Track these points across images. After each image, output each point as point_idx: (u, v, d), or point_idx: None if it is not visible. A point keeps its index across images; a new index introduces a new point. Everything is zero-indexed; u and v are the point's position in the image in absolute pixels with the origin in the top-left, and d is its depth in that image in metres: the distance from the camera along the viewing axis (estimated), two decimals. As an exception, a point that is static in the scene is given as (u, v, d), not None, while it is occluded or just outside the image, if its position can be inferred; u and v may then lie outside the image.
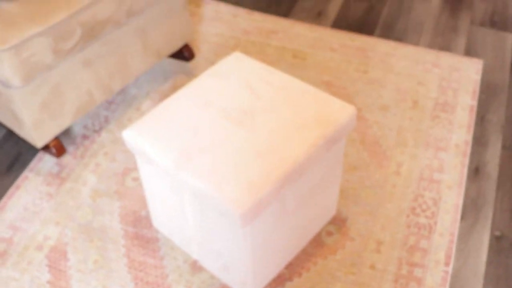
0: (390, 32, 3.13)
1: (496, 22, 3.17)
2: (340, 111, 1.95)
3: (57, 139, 2.53)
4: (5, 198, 2.47)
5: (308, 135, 1.87)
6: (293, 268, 2.18)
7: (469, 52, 3.00)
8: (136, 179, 2.47)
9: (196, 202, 1.90)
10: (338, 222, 2.30)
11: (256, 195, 1.72)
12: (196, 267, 2.19)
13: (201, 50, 3.01)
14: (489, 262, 2.20)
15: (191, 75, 2.86)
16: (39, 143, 2.45)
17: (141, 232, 2.30)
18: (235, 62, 2.17)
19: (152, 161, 1.91)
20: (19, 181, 2.52)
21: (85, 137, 2.65)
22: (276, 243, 2.00)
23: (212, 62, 2.93)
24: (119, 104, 2.77)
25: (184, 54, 2.86)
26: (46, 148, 2.56)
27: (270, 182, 1.76)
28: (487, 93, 2.79)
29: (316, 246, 2.23)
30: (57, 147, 2.52)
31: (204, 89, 2.06)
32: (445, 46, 3.04)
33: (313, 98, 1.99)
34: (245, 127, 1.91)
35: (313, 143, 1.86)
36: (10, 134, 2.70)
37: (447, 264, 2.18)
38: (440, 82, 2.83)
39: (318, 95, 2.01)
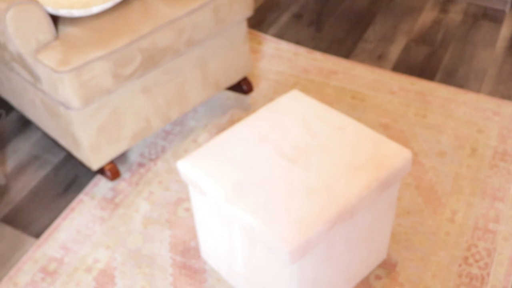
0: (451, 78, 3.10)
1: (561, 74, 3.11)
2: (395, 155, 1.94)
3: (112, 163, 2.58)
4: (59, 219, 2.51)
5: (361, 177, 1.86)
6: (339, 310, 2.15)
7: (532, 102, 2.95)
8: (188, 210, 2.49)
9: (245, 236, 1.90)
10: (388, 267, 2.26)
11: (306, 233, 1.72)
12: (241, 301, 2.18)
13: (260, 87, 3.03)
14: (542, 319, 2.13)
15: (248, 110, 2.89)
16: (94, 165, 2.49)
17: (189, 262, 2.31)
18: (293, 99, 2.18)
19: (204, 192, 1.92)
20: (74, 203, 2.57)
21: (141, 165, 2.69)
22: (324, 283, 1.98)
23: (270, 99, 2.95)
24: (177, 135, 2.81)
25: (242, 87, 2.89)
26: (101, 171, 2.60)
27: (321, 222, 1.75)
28: (549, 145, 2.73)
29: (364, 289, 2.20)
30: (112, 170, 2.56)
31: (261, 125, 2.07)
32: (507, 95, 2.99)
33: (369, 140, 1.99)
34: (298, 165, 1.91)
35: (366, 185, 1.84)
36: (69, 158, 2.76)
37: (498, 318, 2.12)
38: (501, 131, 2.78)
39: (374, 137, 2.00)
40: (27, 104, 2.64)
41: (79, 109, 2.30)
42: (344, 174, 1.86)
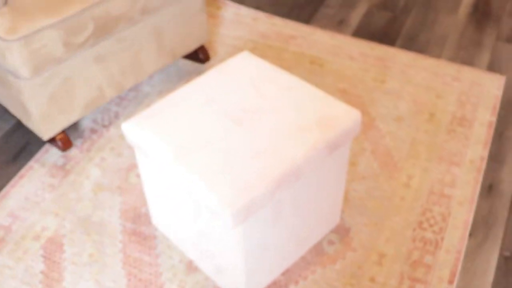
0: (412, 44, 3.06)
1: (522, 39, 3.09)
2: (344, 116, 1.89)
3: (64, 132, 2.51)
4: (8, 187, 2.45)
5: (308, 138, 1.81)
6: (290, 275, 2.11)
7: (492, 67, 2.92)
8: (139, 176, 2.43)
9: (190, 200, 1.85)
10: (341, 232, 2.23)
11: (249, 194, 1.67)
12: (191, 267, 2.14)
13: (218, 52, 2.97)
14: (495, 283, 2.12)
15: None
16: (45, 135, 2.43)
17: (139, 228, 2.27)
18: (243, 61, 2.12)
19: (148, 154, 1.87)
20: (23, 170, 2.51)
21: (93, 131, 2.63)
22: (272, 247, 1.94)
23: (227, 64, 2.89)
24: (131, 100, 2.75)
25: (199, 56, 2.83)
26: (52, 140, 2.54)
27: (265, 183, 1.71)
28: (508, 109, 2.71)
29: (316, 254, 2.17)
30: (63, 140, 2.50)
31: (208, 87, 2.02)
32: (468, 61, 2.96)
33: (318, 101, 1.94)
34: (244, 127, 1.86)
35: (312, 146, 1.80)
36: (19, 125, 2.69)
37: (451, 282, 2.10)
38: (459, 96, 2.75)
39: (323, 98, 1.96)
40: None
41: (29, 78, 2.23)
42: (291, 135, 1.82)
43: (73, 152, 2.55)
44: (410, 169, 2.45)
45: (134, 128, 1.91)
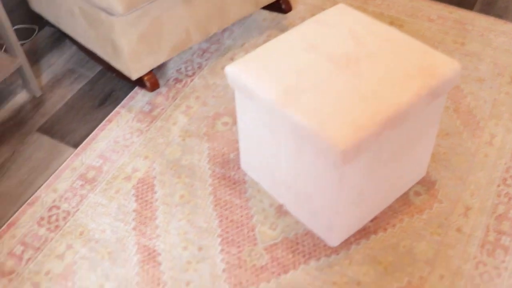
0: (490, 9, 3.07)
1: None
2: (445, 65, 1.92)
3: (151, 73, 2.56)
4: (97, 130, 2.52)
5: (412, 84, 1.85)
6: (378, 223, 2.16)
7: None
8: (227, 124, 2.49)
9: (295, 141, 1.90)
10: (427, 184, 2.27)
11: (359, 134, 1.72)
12: (281, 211, 2.19)
13: (297, 10, 3.00)
14: None
15: (285, 31, 2.86)
16: (134, 74, 2.48)
17: (228, 173, 2.32)
18: (339, 12, 2.15)
19: (254, 96, 1.91)
20: (111, 115, 2.57)
21: (178, 80, 2.69)
22: (366, 192, 1.99)
23: (307, 21, 2.92)
24: (213, 53, 2.80)
25: (281, 6, 2.87)
26: (140, 83, 2.59)
27: (373, 124, 1.75)
28: None
29: (404, 204, 2.21)
30: (151, 80, 2.55)
31: (308, 34, 2.06)
32: (546, 27, 2.96)
33: (418, 50, 1.97)
34: (349, 72, 1.90)
35: (417, 92, 1.83)
36: (104, 72, 2.76)
37: (536, 236, 2.13)
38: (540, 61, 2.76)
39: (423, 48, 1.98)
40: (64, 15, 2.62)
41: (122, 14, 2.28)
42: (395, 81, 1.85)
43: (158, 99, 2.61)
44: (493, 128, 2.47)
45: (238, 70, 1.96)
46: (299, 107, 1.80)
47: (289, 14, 2.95)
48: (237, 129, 2.45)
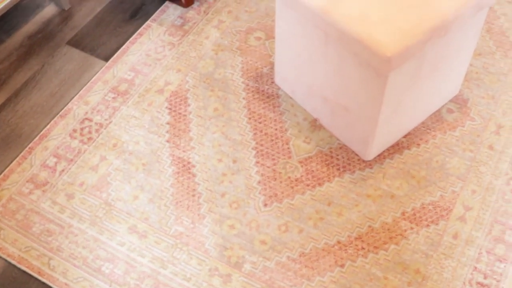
0: None
1: None
2: (490, -22, 1.90)
3: (186, -12, 2.55)
4: (128, 43, 2.51)
5: (458, -5, 1.84)
6: (411, 139, 2.18)
7: None
8: (259, 39, 2.48)
9: (338, 50, 1.89)
10: (459, 102, 2.27)
11: (405, 41, 1.71)
12: (315, 125, 2.21)
13: None
14: None
15: None
16: (169, -11, 2.46)
17: (262, 87, 2.33)
18: None
19: (298, 4, 1.90)
20: (142, 29, 2.56)
21: (208, -5, 2.67)
22: (405, 103, 2.00)
23: None
24: (243, -31, 2.76)
25: None
26: (173, -1, 2.58)
27: (419, 32, 1.74)
28: None
29: (437, 121, 2.22)
30: (187, -5, 2.54)
31: None
32: None
33: (462, -37, 1.95)
34: (392, -18, 1.88)
35: (463, 3, 1.82)
36: (134, -14, 2.73)
37: None
38: None
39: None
40: None
41: None
42: (442, -10, 1.84)
43: (190, 13, 2.59)
44: (525, 49, 2.46)
45: (279, -21, 1.94)
46: (344, 14, 1.79)
47: None
48: (271, 43, 2.44)
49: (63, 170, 2.18)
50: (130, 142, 2.22)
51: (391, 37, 1.71)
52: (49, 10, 2.68)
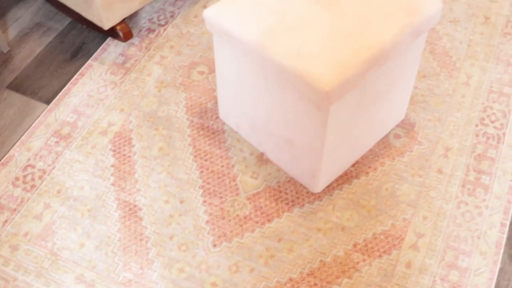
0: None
1: None
2: (426, 4, 1.90)
3: (124, 22, 2.49)
4: (69, 85, 2.46)
5: (395, 23, 1.82)
6: (360, 167, 2.15)
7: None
8: (202, 73, 2.44)
9: (277, 84, 1.86)
10: (406, 126, 2.26)
11: (344, 74, 1.69)
12: (262, 160, 2.17)
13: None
14: (558, 176, 2.16)
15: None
16: (106, 24, 2.41)
17: (207, 123, 2.29)
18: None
19: (234, 39, 1.87)
20: (83, 69, 2.51)
21: (150, 30, 2.62)
22: (348, 135, 1.97)
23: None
24: (185, 1, 2.73)
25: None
26: (112, 34, 2.53)
27: (358, 63, 1.72)
28: (561, 13, 2.71)
29: (384, 147, 2.20)
30: (124, 30, 2.49)
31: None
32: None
33: (397, -10, 1.94)
34: (331, 11, 1.86)
35: (400, 30, 1.81)
36: (74, 24, 2.68)
37: (515, 174, 2.14)
38: (513, 0, 2.75)
39: (402, -12, 1.95)
40: (30, -33, 2.53)
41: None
42: (377, 19, 1.83)
43: (131, 50, 2.55)
44: (469, 69, 2.46)
45: (217, 13, 1.91)
46: (281, 48, 1.76)
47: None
48: (214, 77, 2.41)
49: (6, 221, 2.11)
50: (75, 187, 2.16)
51: (328, 71, 1.69)
52: (-13, 54, 2.62)
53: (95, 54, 2.55)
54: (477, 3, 2.72)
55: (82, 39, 2.62)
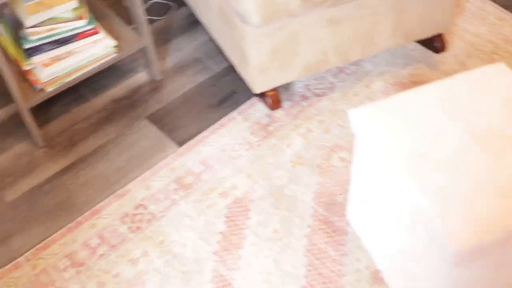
0: None
1: None
2: None
3: (276, 90, 2.38)
4: (206, 132, 2.37)
5: None
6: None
7: None
8: (343, 160, 2.26)
9: (408, 215, 1.65)
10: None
11: (482, 238, 1.45)
12: (377, 277, 1.96)
13: (453, 46, 2.70)
14: None
15: (435, 69, 2.57)
16: (257, 88, 2.30)
17: (331, 218, 2.11)
18: (496, 73, 1.86)
19: (374, 152, 1.68)
20: (225, 119, 2.41)
21: (304, 97, 2.48)
22: (479, 290, 1.72)
23: (461, 63, 2.61)
24: (350, 75, 2.56)
25: (434, 44, 2.58)
26: (261, 96, 2.41)
27: (502, 228, 1.47)
28: None
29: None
30: (274, 98, 2.37)
31: (453, 93, 1.79)
32: None
33: None
34: (492, 152, 1.62)
35: None
36: (231, 69, 2.59)
37: None
38: None
39: None
40: (202, 4, 2.47)
41: (257, 26, 2.09)
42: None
43: (279, 113, 2.42)
44: None
45: (363, 117, 1.74)
46: (421, 181, 1.55)
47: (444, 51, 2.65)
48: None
49: (102, 255, 2.06)
50: (177, 243, 2.07)
51: (466, 228, 1.46)
52: (140, 77, 2.59)
53: (241, 107, 2.44)
54: None
55: (234, 87, 2.53)
